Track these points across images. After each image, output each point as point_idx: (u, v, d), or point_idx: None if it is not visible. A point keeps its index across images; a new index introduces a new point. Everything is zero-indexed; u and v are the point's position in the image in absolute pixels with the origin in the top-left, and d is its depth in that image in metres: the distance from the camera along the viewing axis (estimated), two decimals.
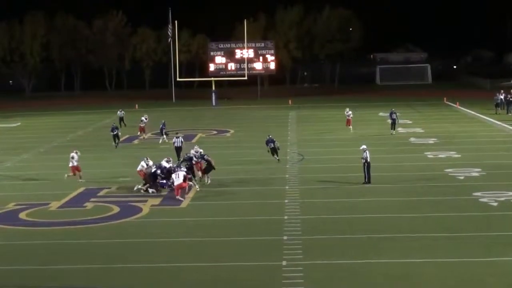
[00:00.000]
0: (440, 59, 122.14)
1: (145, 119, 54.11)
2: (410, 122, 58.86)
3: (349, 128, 53.31)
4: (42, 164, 42.76)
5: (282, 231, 26.13)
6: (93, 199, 32.52)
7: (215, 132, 56.45)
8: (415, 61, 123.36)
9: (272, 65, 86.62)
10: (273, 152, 40.33)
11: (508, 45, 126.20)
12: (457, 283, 20.62)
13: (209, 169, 35.14)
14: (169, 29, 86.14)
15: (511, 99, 63.40)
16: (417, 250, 23.48)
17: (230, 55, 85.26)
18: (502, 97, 64.72)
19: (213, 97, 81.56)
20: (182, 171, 32.27)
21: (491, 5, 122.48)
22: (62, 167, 40.03)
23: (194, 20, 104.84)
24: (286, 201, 31.15)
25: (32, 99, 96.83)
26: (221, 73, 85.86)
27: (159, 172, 33.56)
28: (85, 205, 31.52)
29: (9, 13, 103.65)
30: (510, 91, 65.95)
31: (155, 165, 34.12)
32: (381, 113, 64.60)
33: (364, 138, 47.17)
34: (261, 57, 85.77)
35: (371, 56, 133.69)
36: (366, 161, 34.26)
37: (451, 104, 73.40)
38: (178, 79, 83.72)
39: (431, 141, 48.30)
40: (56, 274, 22.15)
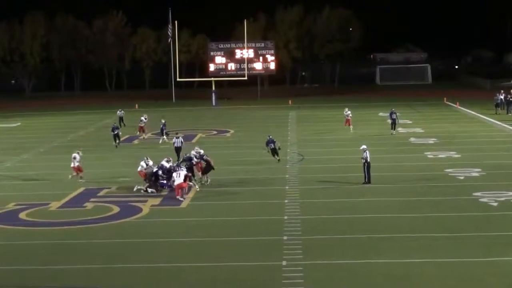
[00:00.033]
0: (440, 59, 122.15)
1: (144, 119, 54.11)
2: (410, 122, 58.86)
3: (349, 128, 53.27)
4: (42, 164, 42.76)
5: (282, 231, 26.13)
6: (93, 199, 32.52)
7: (215, 132, 56.45)
8: (415, 61, 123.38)
9: (272, 65, 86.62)
10: (273, 152, 40.33)
11: (508, 45, 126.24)
12: (457, 283, 20.62)
13: (208, 169, 35.13)
14: (169, 29, 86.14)
15: (511, 99, 63.40)
16: (417, 250, 23.48)
17: (230, 55, 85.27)
18: (502, 97, 64.72)
19: (213, 97, 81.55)
20: (184, 171, 32.30)
21: (491, 5, 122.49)
22: (62, 167, 40.05)
23: (194, 20, 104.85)
24: (286, 201, 31.15)
25: (32, 99, 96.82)
26: (221, 73, 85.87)
27: (160, 173, 33.56)
28: (85, 205, 31.52)
29: (9, 13, 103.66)
30: (510, 91, 65.93)
31: (157, 165, 34.10)
32: (381, 113, 64.59)
33: (364, 138, 47.16)
34: (261, 57, 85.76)
35: (371, 56, 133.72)
36: (366, 161, 34.26)
37: (451, 104, 73.40)
38: (178, 79, 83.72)
39: (431, 141, 48.30)
40: (56, 274, 22.15)
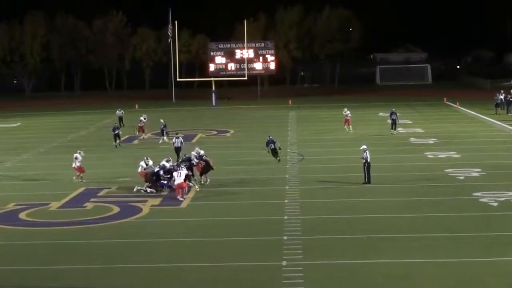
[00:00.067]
0: (440, 59, 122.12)
1: (143, 119, 54.10)
2: (410, 122, 58.85)
3: (349, 128, 53.23)
4: (42, 164, 42.75)
5: (282, 231, 26.13)
6: (93, 199, 32.52)
7: (215, 132, 56.45)
8: (415, 61, 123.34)
9: (272, 65, 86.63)
10: (273, 153, 40.33)
11: (508, 45, 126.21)
12: (457, 283, 20.63)
13: (207, 169, 35.13)
14: (169, 29, 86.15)
15: (511, 99, 63.39)
16: (417, 250, 23.48)
17: (230, 55, 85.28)
18: (502, 97, 64.71)
19: (213, 97, 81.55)
20: (184, 170, 32.31)
21: (491, 5, 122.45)
22: (62, 167, 40.09)
23: (194, 20, 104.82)
24: (286, 201, 31.15)
25: (32, 99, 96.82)
26: (221, 73, 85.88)
27: (162, 173, 33.54)
28: (85, 205, 31.52)
29: (9, 13, 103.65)
30: (510, 91, 65.93)
31: (159, 165, 34.06)
32: (381, 113, 64.60)
33: (364, 138, 47.17)
34: (261, 57, 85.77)
35: (371, 56, 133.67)
36: (366, 161, 34.26)
37: (451, 104, 73.39)
38: (178, 79, 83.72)
39: (431, 141, 48.29)
40: (56, 274, 22.16)
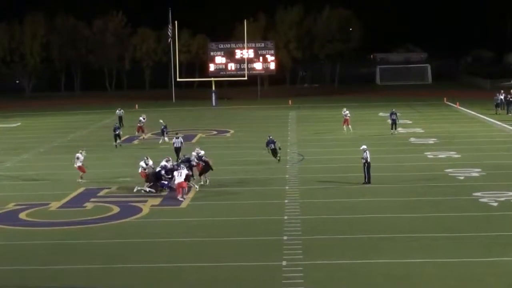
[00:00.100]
0: (440, 59, 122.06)
1: (143, 119, 54.08)
2: (410, 122, 58.85)
3: (349, 128, 53.22)
4: (42, 164, 42.75)
5: (282, 231, 26.14)
6: (93, 199, 32.53)
7: (215, 132, 56.45)
8: (415, 61, 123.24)
9: (272, 65, 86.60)
10: (273, 153, 40.35)
11: (508, 45, 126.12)
12: (457, 283, 20.63)
13: (206, 169, 35.13)
14: (169, 29, 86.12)
15: (511, 99, 63.39)
16: (417, 250, 23.49)
17: (230, 55, 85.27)
18: (502, 97, 64.69)
19: (213, 97, 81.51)
20: (185, 170, 32.32)
21: (491, 5, 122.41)
22: (62, 167, 40.11)
23: (194, 20, 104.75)
24: (286, 201, 31.16)
25: (32, 99, 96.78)
26: (221, 73, 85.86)
27: (163, 173, 33.53)
28: (85, 205, 31.53)
29: (9, 13, 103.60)
30: (510, 91, 65.92)
31: (160, 166, 34.02)
32: (381, 113, 64.60)
33: (364, 138, 47.18)
34: (261, 57, 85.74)
35: (371, 56, 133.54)
36: (366, 161, 34.27)
37: (451, 104, 73.37)
38: (178, 79, 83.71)
39: (431, 141, 48.30)
40: (56, 274, 22.16)
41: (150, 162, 34.83)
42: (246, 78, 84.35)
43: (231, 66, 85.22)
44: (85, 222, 28.48)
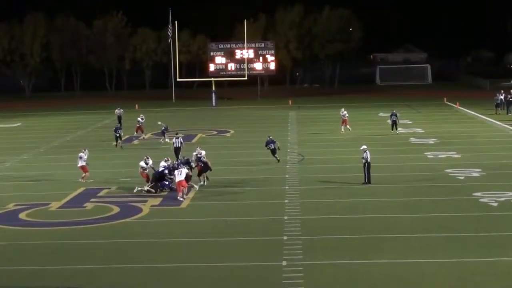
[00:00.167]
0: (440, 59, 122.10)
1: (141, 119, 54.07)
2: (410, 122, 58.84)
3: (347, 128, 53.20)
4: (42, 164, 42.75)
5: (282, 231, 26.13)
6: (93, 199, 32.52)
7: (215, 132, 56.46)
8: (415, 61, 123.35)
9: (272, 66, 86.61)
10: (273, 153, 40.35)
11: (508, 45, 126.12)
12: (457, 283, 20.63)
13: (205, 169, 35.12)
14: (169, 29, 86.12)
15: (511, 99, 63.39)
16: (417, 250, 23.49)
17: (230, 55, 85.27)
18: (502, 97, 64.69)
19: (213, 97, 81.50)
20: (185, 169, 32.32)
21: (491, 5, 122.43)
22: (62, 167, 40.10)
23: (194, 20, 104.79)
24: (286, 201, 31.16)
25: (32, 99, 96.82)
26: (221, 73, 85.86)
27: (166, 172, 33.49)
28: (85, 205, 31.52)
29: (9, 13, 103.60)
30: (510, 91, 65.93)
31: (163, 166, 33.96)
32: (381, 113, 64.60)
33: (364, 138, 47.19)
34: (261, 57, 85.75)
35: (371, 56, 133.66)
36: (367, 161, 34.26)
37: (451, 104, 73.37)
38: (178, 79, 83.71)
39: (431, 141, 48.29)
40: (56, 274, 22.15)
41: (150, 162, 34.82)
42: (246, 78, 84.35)
43: (231, 66, 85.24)
44: (85, 222, 28.47)
